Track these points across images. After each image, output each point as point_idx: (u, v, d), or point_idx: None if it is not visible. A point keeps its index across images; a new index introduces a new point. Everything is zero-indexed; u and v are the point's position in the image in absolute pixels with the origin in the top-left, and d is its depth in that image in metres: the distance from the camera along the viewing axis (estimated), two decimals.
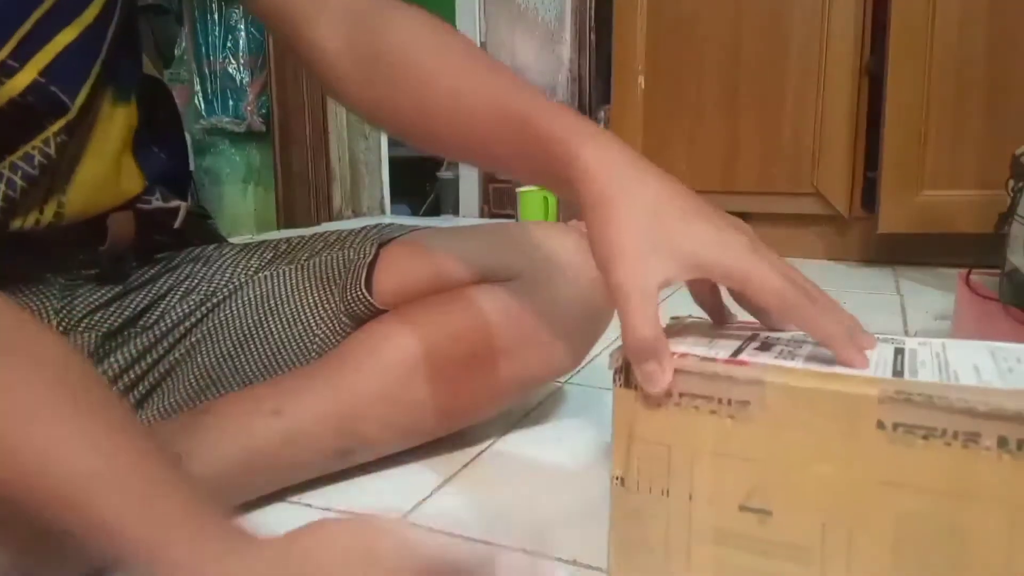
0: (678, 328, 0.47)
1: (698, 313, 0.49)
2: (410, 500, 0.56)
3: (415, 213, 2.95)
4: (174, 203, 0.63)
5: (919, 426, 0.34)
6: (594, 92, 2.52)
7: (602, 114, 2.11)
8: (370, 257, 0.61)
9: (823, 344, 0.39)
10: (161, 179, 0.62)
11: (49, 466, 0.34)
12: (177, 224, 0.63)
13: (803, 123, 1.62)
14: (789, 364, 0.38)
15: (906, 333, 1.04)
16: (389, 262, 0.62)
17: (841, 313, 0.41)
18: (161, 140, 0.64)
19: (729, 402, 0.38)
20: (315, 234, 0.67)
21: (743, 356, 0.40)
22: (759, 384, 0.37)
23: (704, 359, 0.40)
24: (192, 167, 0.70)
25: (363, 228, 0.66)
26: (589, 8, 2.50)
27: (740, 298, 0.42)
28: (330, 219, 2.50)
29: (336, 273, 0.61)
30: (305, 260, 0.63)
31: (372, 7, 0.54)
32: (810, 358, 0.39)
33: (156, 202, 0.61)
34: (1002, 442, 0.33)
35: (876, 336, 0.42)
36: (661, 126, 1.74)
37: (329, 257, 0.63)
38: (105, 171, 0.57)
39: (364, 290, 0.59)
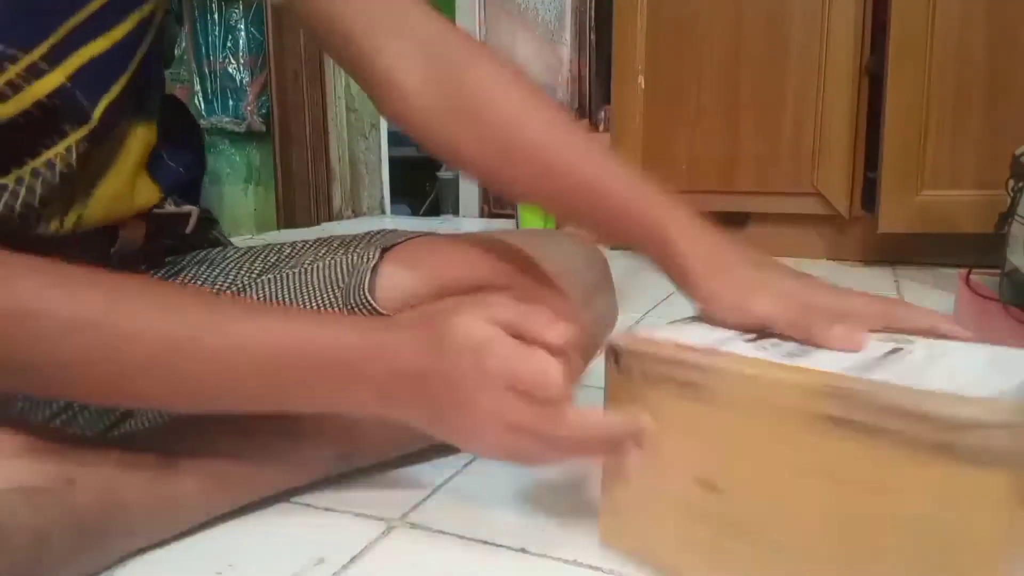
0: (687, 325, 0.49)
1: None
2: (411, 500, 0.56)
3: (415, 213, 2.95)
4: (186, 208, 0.63)
5: (851, 420, 0.35)
6: (594, 92, 2.52)
7: (602, 114, 2.11)
8: (374, 262, 0.61)
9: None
10: (176, 189, 0.63)
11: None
12: (189, 229, 0.64)
13: (803, 123, 1.62)
14: (755, 355, 0.41)
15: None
16: (392, 267, 0.62)
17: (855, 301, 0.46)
18: (178, 154, 0.64)
19: (689, 384, 0.42)
20: (319, 238, 0.67)
21: (722, 347, 0.43)
22: (711, 371, 0.41)
23: (679, 346, 0.43)
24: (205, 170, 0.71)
25: (367, 233, 0.66)
26: (589, 8, 2.50)
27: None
28: (330, 219, 2.50)
29: (339, 278, 0.61)
30: (309, 264, 0.63)
31: (451, 45, 0.56)
32: (793, 354, 0.41)
33: (169, 207, 0.62)
34: (921, 441, 0.33)
35: (892, 333, 0.44)
36: (661, 126, 1.74)
37: (332, 261, 0.63)
38: (123, 187, 0.57)
39: (367, 295, 0.59)
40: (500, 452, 0.45)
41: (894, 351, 0.41)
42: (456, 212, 2.62)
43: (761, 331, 0.45)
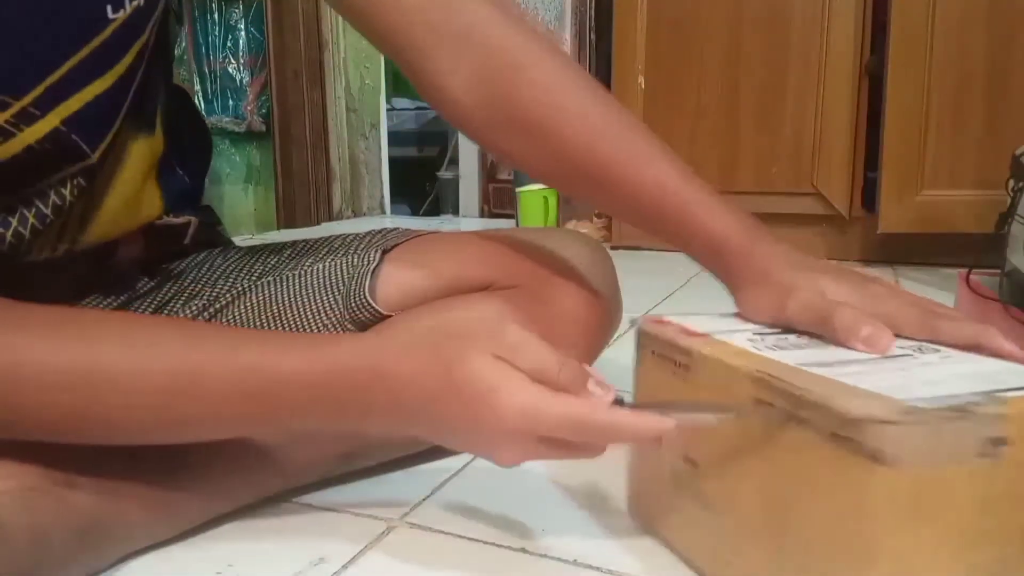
0: (717, 317, 0.51)
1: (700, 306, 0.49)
2: (411, 500, 0.56)
3: (415, 213, 2.95)
4: (184, 218, 0.62)
5: (775, 404, 0.38)
6: None
7: None
8: (374, 263, 0.61)
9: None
10: (181, 199, 0.62)
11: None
12: (187, 240, 0.63)
13: (803, 123, 1.62)
14: (741, 345, 0.43)
15: None
16: (393, 268, 0.62)
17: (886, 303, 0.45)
18: (186, 161, 0.63)
19: (678, 364, 0.45)
20: (318, 239, 0.67)
21: (718, 336, 0.45)
22: (692, 354, 0.44)
23: (681, 330, 0.47)
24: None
25: (367, 234, 0.66)
26: (589, 8, 2.50)
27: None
28: (330, 219, 2.50)
29: (340, 279, 0.61)
30: (309, 266, 0.63)
31: (507, 44, 0.52)
32: (779, 347, 0.43)
33: (166, 218, 0.61)
34: (821, 431, 0.35)
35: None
36: (661, 126, 1.74)
37: (333, 263, 0.62)
38: (125, 204, 0.56)
39: (368, 296, 0.59)
40: (525, 459, 0.43)
41: (897, 356, 0.41)
42: (456, 212, 2.62)
43: (787, 328, 0.46)
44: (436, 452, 0.62)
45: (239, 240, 0.72)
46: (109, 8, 0.48)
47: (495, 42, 0.52)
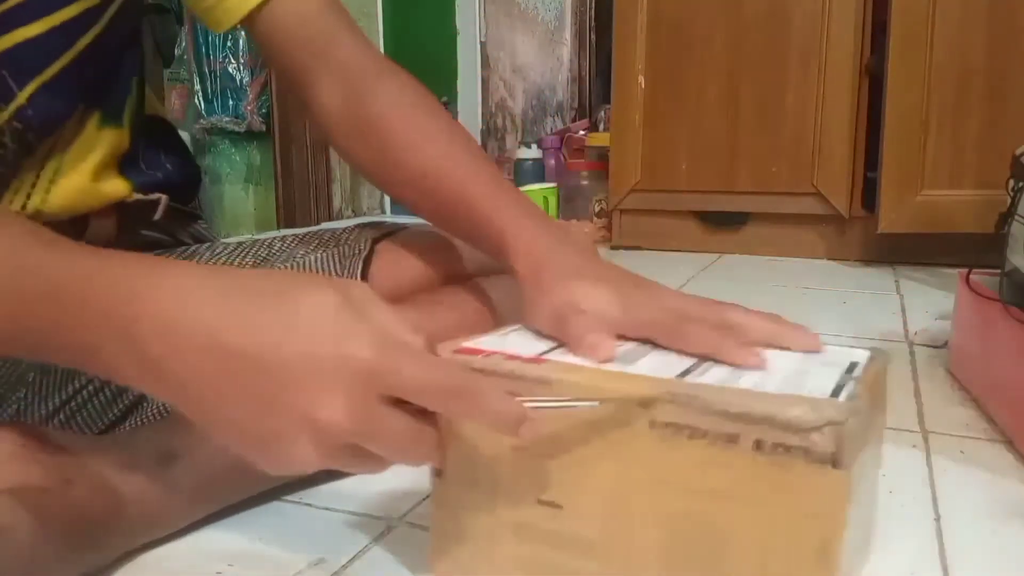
0: (511, 334, 0.47)
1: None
2: (411, 500, 0.56)
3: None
4: (154, 196, 0.64)
5: (685, 426, 0.35)
6: (594, 92, 2.52)
7: (602, 114, 2.11)
8: (365, 252, 0.62)
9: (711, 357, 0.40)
10: (151, 188, 0.64)
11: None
12: (157, 216, 0.64)
13: (803, 123, 1.62)
14: (588, 364, 0.40)
15: (906, 333, 1.04)
16: (384, 257, 0.62)
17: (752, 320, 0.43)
18: (153, 163, 0.66)
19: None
20: (308, 232, 0.67)
21: (548, 355, 0.41)
22: (547, 383, 0.38)
23: (508, 357, 0.41)
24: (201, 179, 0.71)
25: (357, 225, 0.67)
26: (589, 8, 2.50)
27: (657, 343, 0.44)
28: (330, 219, 2.50)
29: (331, 269, 0.62)
30: (300, 258, 0.63)
31: (367, 70, 0.60)
32: (639, 362, 0.40)
33: (136, 195, 0.63)
34: (757, 444, 0.34)
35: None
36: (661, 126, 1.74)
37: (324, 254, 0.63)
38: (86, 184, 0.58)
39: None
40: (324, 458, 0.35)
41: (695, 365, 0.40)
42: None
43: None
44: None
45: (236, 239, 0.72)
46: None
47: (358, 69, 0.61)
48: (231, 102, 2.53)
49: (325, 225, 2.43)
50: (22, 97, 0.52)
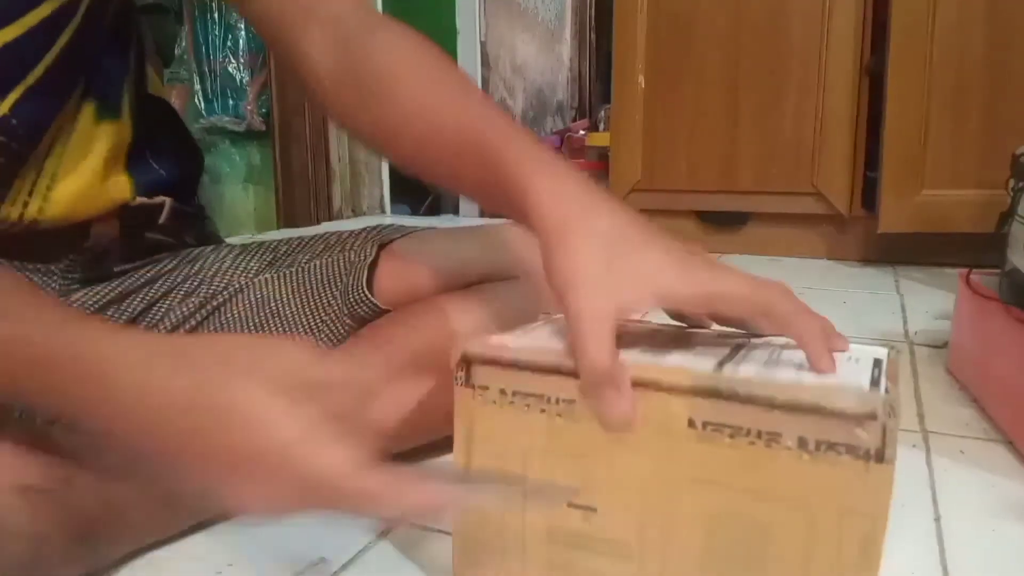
0: (538, 327, 0.45)
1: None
2: None
3: (415, 213, 2.95)
4: (158, 199, 0.62)
5: (726, 425, 0.34)
6: (594, 92, 2.52)
7: (602, 114, 2.11)
8: (371, 258, 0.61)
9: (798, 343, 0.37)
10: (158, 190, 0.62)
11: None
12: (162, 220, 0.62)
13: (803, 123, 1.62)
14: (634, 359, 0.37)
15: (906, 333, 1.04)
16: (390, 263, 0.62)
17: (814, 316, 0.39)
18: (160, 155, 0.63)
19: (557, 400, 0.38)
20: (314, 236, 0.67)
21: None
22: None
23: (540, 354, 0.39)
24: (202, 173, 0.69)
25: (363, 229, 0.66)
26: (589, 8, 2.50)
27: (716, 319, 0.43)
28: (330, 219, 2.50)
29: (337, 275, 0.61)
30: (306, 263, 0.63)
31: (361, 23, 0.55)
32: (680, 354, 0.38)
33: (139, 199, 0.60)
34: (800, 441, 0.33)
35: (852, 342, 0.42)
36: (661, 126, 1.74)
37: (330, 259, 0.63)
38: (87, 185, 0.56)
39: (366, 291, 0.60)
40: (278, 505, 0.36)
41: (757, 345, 0.40)
42: (456, 212, 2.61)
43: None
44: (435, 451, 0.62)
45: (239, 240, 0.72)
46: None
47: (351, 23, 0.55)
48: (231, 102, 2.53)
49: (327, 226, 2.43)
50: (4, 107, 0.50)
